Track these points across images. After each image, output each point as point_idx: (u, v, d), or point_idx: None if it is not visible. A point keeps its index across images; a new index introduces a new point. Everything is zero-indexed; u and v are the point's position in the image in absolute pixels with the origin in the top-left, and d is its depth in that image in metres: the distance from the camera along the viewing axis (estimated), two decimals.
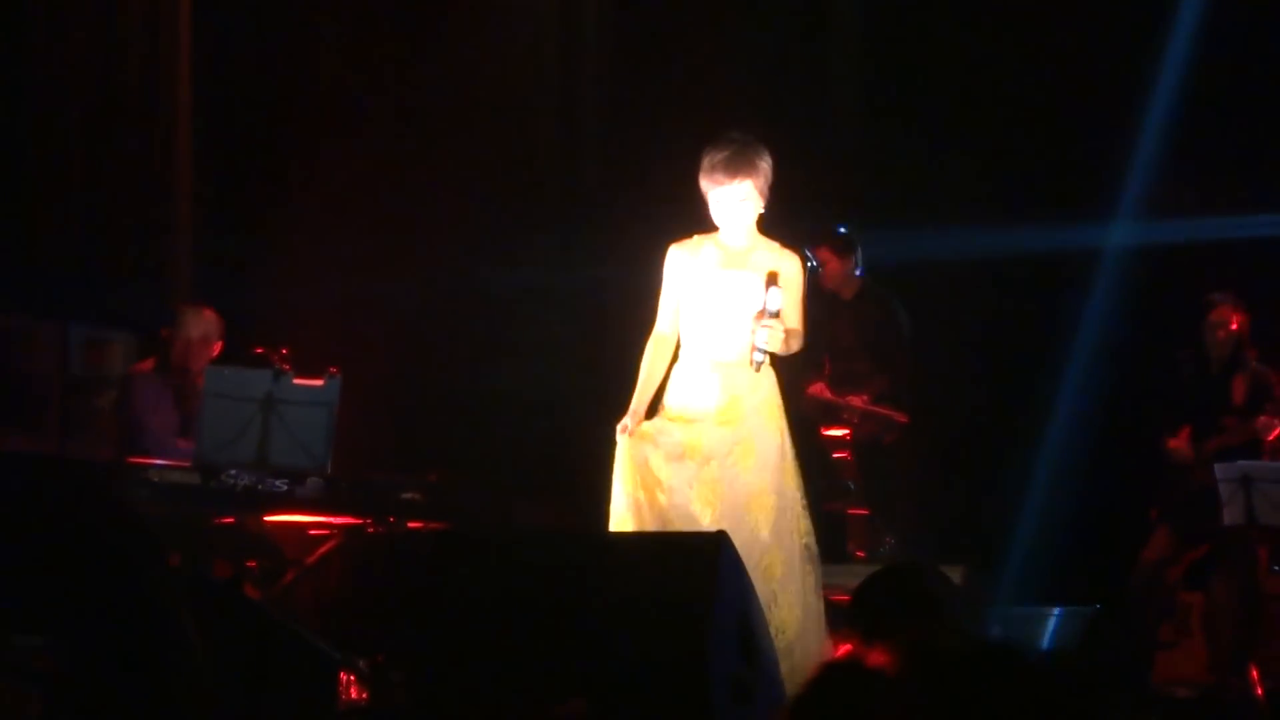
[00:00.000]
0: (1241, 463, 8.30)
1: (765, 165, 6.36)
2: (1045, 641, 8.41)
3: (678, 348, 6.48)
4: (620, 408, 6.54)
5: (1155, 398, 9.08)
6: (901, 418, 9.40)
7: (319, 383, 7.34)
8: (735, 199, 6.32)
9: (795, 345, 6.38)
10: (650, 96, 10.70)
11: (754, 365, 6.24)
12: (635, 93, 10.88)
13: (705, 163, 6.35)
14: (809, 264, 6.69)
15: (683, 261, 6.44)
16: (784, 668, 5.76)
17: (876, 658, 4.26)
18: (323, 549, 7.52)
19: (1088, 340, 10.37)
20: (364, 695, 6.38)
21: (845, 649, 4.41)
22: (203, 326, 8.31)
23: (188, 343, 8.24)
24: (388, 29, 10.66)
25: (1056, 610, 8.72)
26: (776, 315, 6.21)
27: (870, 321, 9.46)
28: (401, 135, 10.65)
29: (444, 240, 10.47)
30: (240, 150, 10.21)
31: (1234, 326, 8.72)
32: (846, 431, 9.48)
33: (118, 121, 9.63)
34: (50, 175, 9.42)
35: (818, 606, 6.25)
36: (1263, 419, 8.48)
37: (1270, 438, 8.48)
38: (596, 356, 10.10)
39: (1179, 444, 8.70)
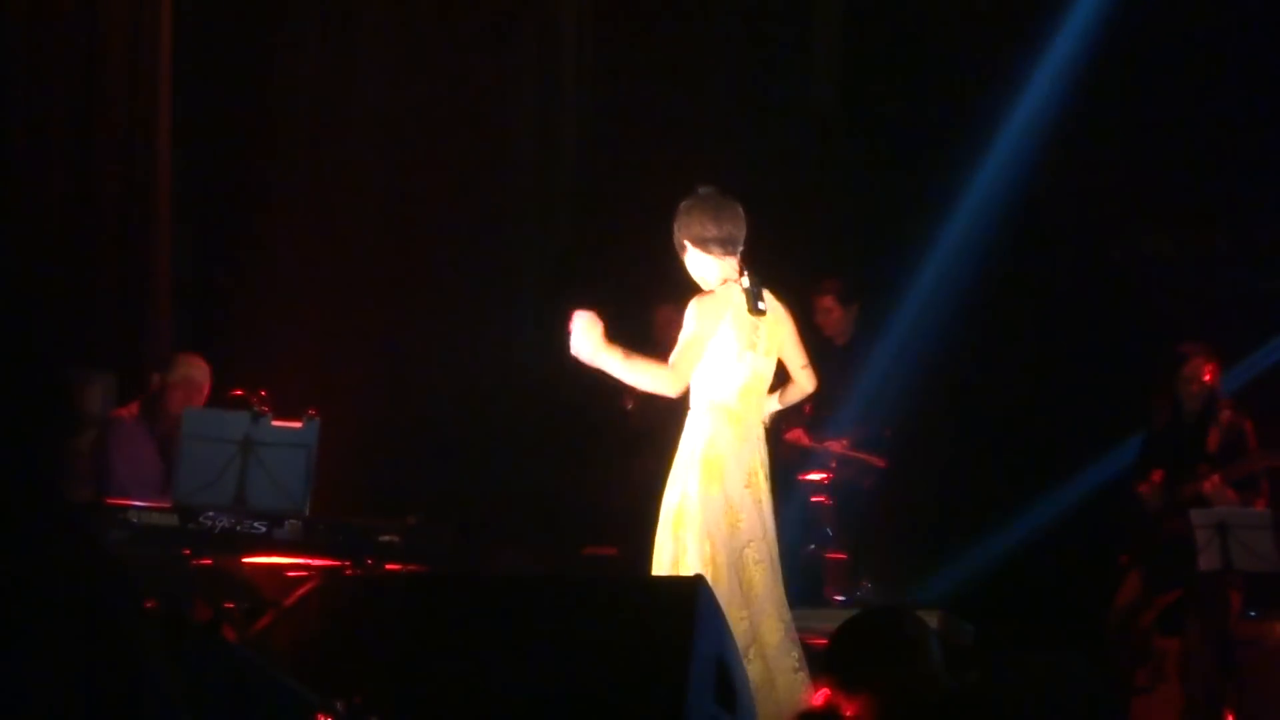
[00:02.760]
0: (1218, 508, 8.36)
1: (677, 219, 6.48)
2: None
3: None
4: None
5: (1129, 449, 9.14)
6: (879, 462, 9.44)
7: (297, 425, 7.35)
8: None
9: (660, 384, 6.28)
10: (632, 135, 10.75)
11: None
12: (616, 130, 10.93)
13: None
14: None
15: None
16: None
17: (853, 705, 4.27)
18: (301, 591, 7.50)
19: (1065, 385, 10.43)
20: None
21: (823, 695, 4.42)
22: (201, 373, 8.33)
23: (188, 391, 8.24)
24: (372, 66, 10.69)
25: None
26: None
27: (860, 370, 9.53)
28: (383, 175, 10.67)
29: (425, 283, 10.48)
30: (220, 190, 10.21)
31: (1207, 378, 8.79)
32: (825, 476, 9.51)
33: (97, 162, 9.64)
34: (30, 216, 9.41)
35: (780, 657, 6.25)
36: (1210, 484, 8.56)
37: (1207, 489, 8.52)
38: (579, 400, 10.12)
39: (1147, 489, 8.75)
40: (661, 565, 6.30)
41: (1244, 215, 10.37)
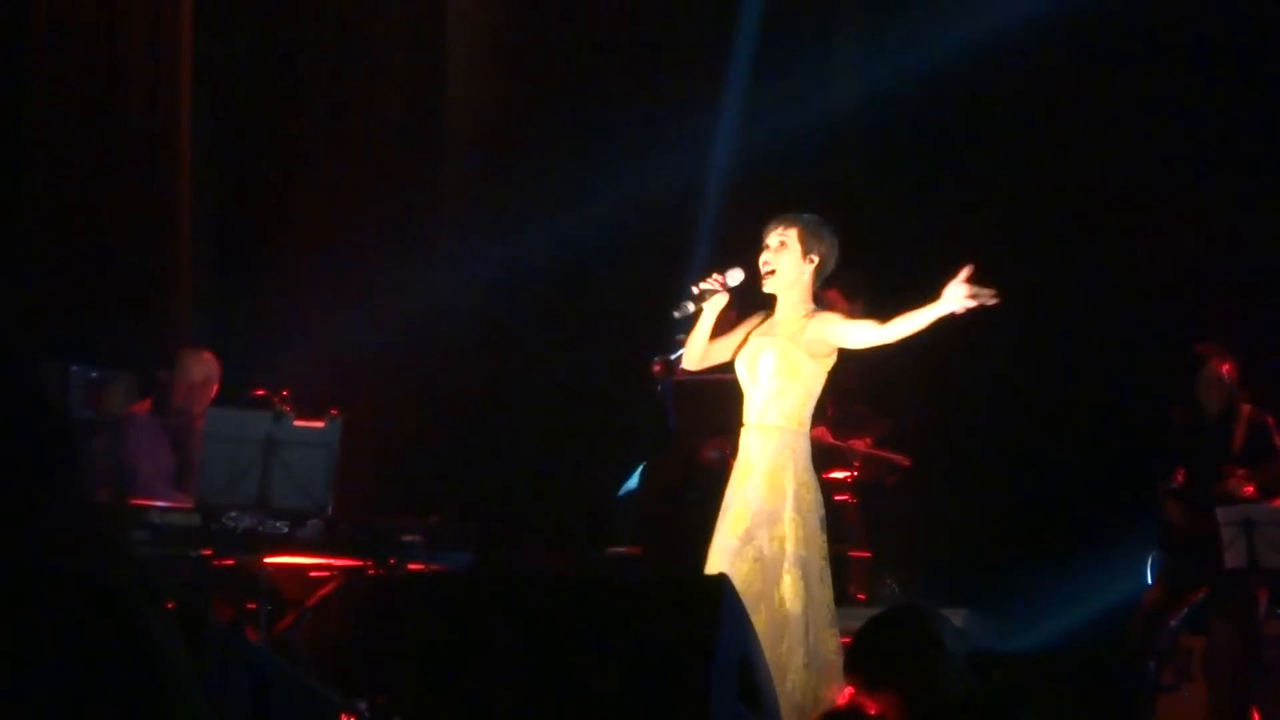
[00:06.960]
0: (1244, 506, 8.33)
1: (819, 231, 6.57)
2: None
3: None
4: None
5: (1153, 446, 9.10)
6: (904, 461, 9.41)
7: (320, 425, 7.33)
8: (774, 244, 6.56)
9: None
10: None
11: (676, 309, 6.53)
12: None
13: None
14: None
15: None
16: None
17: (878, 705, 4.26)
18: (323, 591, 7.51)
19: (1087, 381, 10.40)
20: None
21: (848, 694, 4.41)
22: (204, 369, 8.30)
23: (190, 386, 8.22)
24: (395, 70, 10.69)
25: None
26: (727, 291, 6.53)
27: (873, 365, 9.47)
28: (402, 175, 10.66)
29: (445, 282, 10.47)
30: (241, 191, 10.22)
31: (1226, 377, 8.74)
32: (849, 474, 9.47)
33: (119, 163, 9.64)
34: (51, 215, 9.42)
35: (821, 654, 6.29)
36: (1234, 481, 8.53)
37: (1243, 495, 8.50)
38: (600, 400, 10.11)
39: (1175, 512, 8.72)
40: (771, 566, 6.30)
41: (1269, 207, 10.31)
